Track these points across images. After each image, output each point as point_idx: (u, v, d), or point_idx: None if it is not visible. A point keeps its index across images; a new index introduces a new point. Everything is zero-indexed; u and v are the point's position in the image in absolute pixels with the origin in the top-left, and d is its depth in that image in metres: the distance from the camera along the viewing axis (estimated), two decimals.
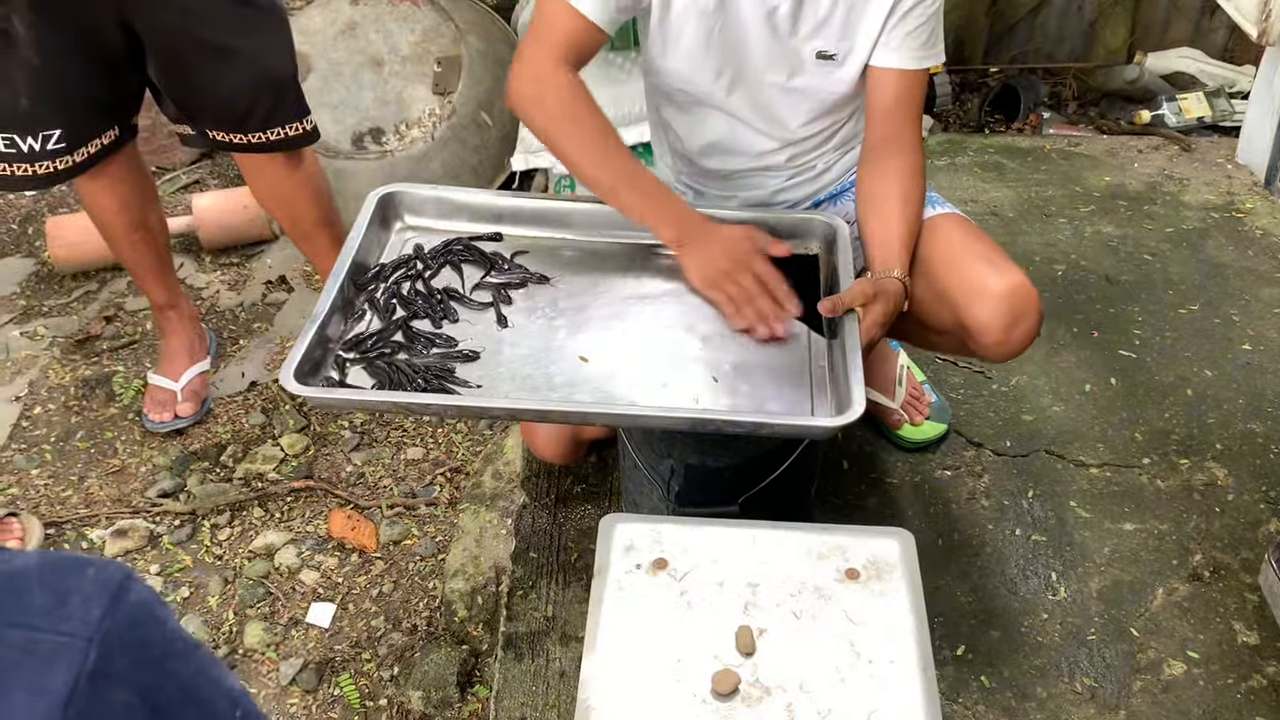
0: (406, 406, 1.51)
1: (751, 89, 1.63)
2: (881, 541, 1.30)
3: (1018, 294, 1.52)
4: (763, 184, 1.76)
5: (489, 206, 1.71)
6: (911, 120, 1.60)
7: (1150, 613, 1.74)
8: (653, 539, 1.30)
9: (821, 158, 1.75)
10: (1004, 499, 1.92)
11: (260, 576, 1.93)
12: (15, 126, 1.82)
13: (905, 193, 1.56)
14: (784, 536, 1.30)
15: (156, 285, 2.17)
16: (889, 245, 1.53)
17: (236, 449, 2.17)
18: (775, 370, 1.48)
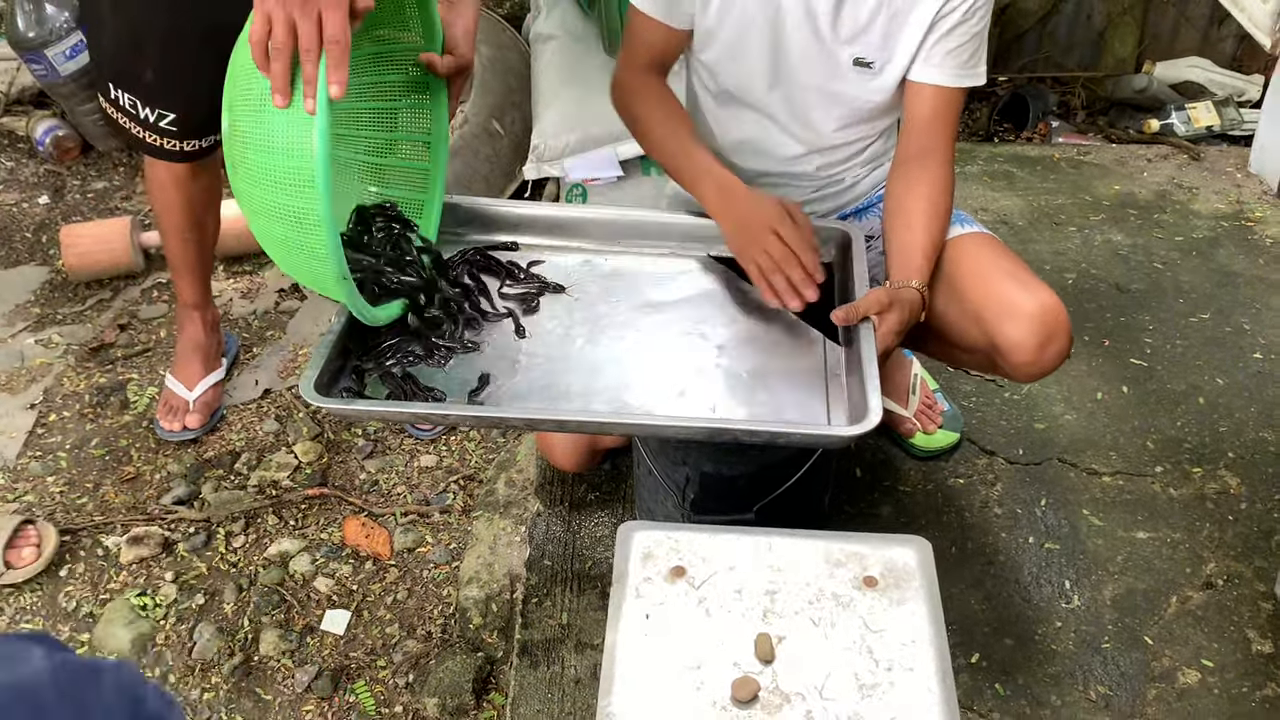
0: (425, 417, 1.51)
1: (788, 89, 1.64)
2: (899, 549, 1.31)
3: (1049, 313, 1.53)
4: (790, 193, 1.76)
5: (505, 216, 1.72)
6: (945, 136, 1.61)
7: (1164, 621, 1.74)
8: (670, 546, 1.31)
9: (850, 171, 1.76)
10: (1017, 507, 1.93)
11: (275, 584, 1.93)
12: (138, 92, 1.87)
13: (932, 206, 1.57)
14: (801, 544, 1.31)
15: (191, 285, 2.18)
16: (910, 256, 1.54)
17: (251, 456, 2.18)
18: (791, 378, 1.48)
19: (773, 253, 1.51)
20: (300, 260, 1.30)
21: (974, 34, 1.56)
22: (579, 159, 2.48)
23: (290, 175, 1.21)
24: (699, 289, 1.64)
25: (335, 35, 1.16)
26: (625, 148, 2.50)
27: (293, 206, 1.22)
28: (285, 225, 1.25)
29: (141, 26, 1.82)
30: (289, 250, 1.30)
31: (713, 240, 1.68)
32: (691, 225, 1.72)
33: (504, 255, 1.67)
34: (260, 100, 1.22)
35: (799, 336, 1.55)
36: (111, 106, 1.90)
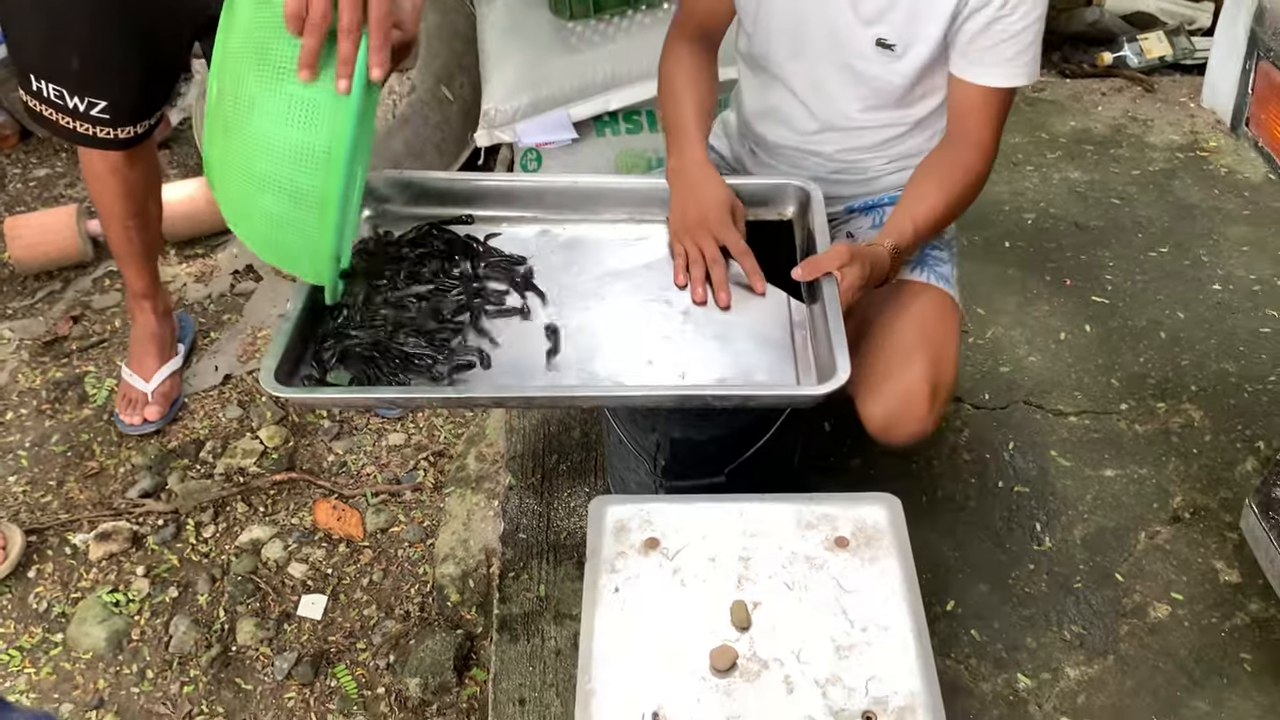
0: (391, 402, 1.49)
1: (809, 61, 1.62)
2: (869, 508, 1.31)
3: (903, 402, 1.51)
4: (806, 170, 1.73)
5: (458, 189, 1.69)
6: (982, 125, 1.56)
7: (1134, 557, 1.77)
8: (643, 519, 1.30)
9: (872, 162, 1.71)
10: (985, 452, 1.94)
11: (248, 572, 1.92)
12: (65, 81, 1.82)
13: (944, 180, 1.55)
14: (772, 508, 1.31)
15: (139, 273, 2.14)
16: (900, 219, 1.53)
17: (215, 444, 2.15)
18: (757, 339, 1.47)
19: (704, 250, 1.52)
20: (285, 236, 1.25)
21: (1016, 31, 1.50)
22: (531, 122, 2.44)
23: (305, 151, 1.16)
24: (660, 254, 1.62)
25: (379, 16, 1.15)
26: (578, 109, 2.46)
27: (298, 182, 1.18)
28: (280, 199, 1.20)
29: (63, 13, 1.75)
30: (274, 225, 1.25)
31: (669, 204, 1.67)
32: (649, 189, 1.69)
33: (460, 229, 1.64)
34: (280, 68, 1.16)
35: (767, 299, 1.54)
36: (34, 99, 1.83)
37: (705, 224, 1.53)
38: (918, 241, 1.57)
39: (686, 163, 1.60)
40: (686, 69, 1.69)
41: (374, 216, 1.66)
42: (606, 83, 2.43)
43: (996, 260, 2.36)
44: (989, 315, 2.22)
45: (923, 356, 1.55)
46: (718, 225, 1.53)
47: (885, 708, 1.11)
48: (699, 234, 1.53)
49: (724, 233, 1.52)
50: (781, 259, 1.61)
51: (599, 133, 2.51)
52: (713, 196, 1.55)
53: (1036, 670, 1.62)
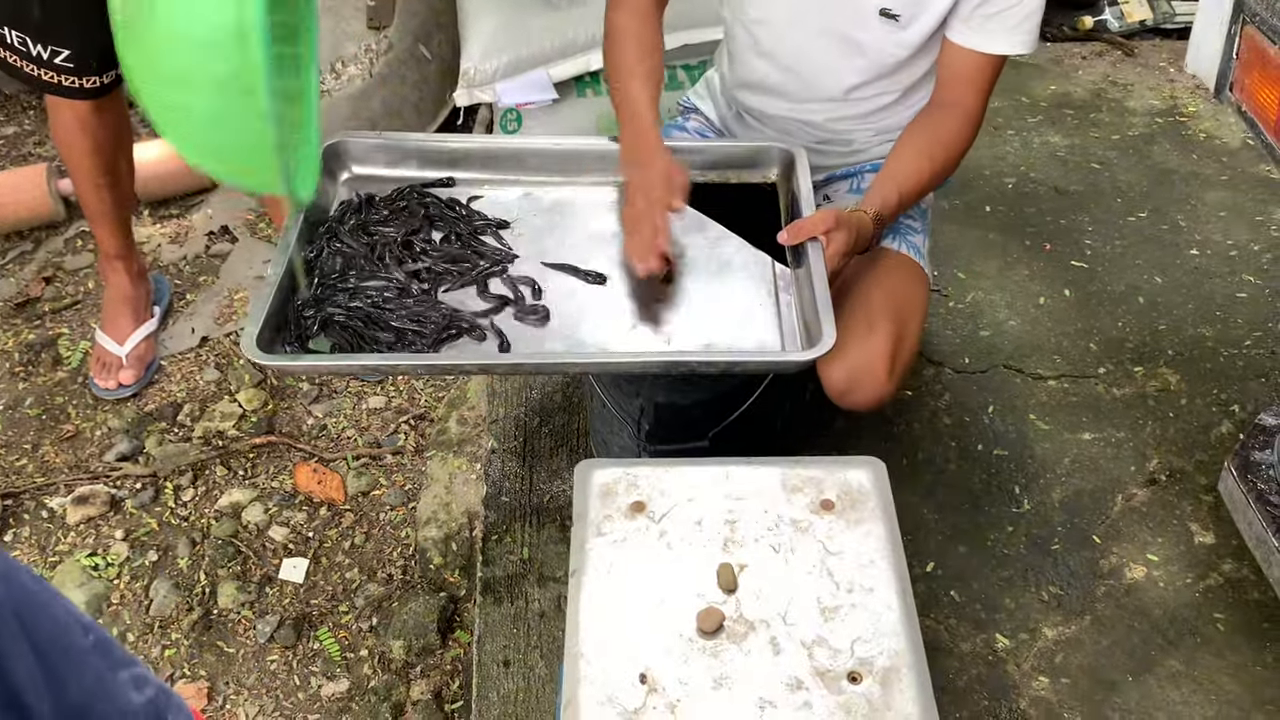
0: (376, 369, 1.48)
1: (807, 32, 1.58)
2: (853, 471, 1.32)
3: (862, 369, 1.50)
4: (794, 135, 1.71)
5: (439, 151, 1.67)
6: (972, 94, 1.55)
7: (1111, 519, 1.79)
8: (629, 482, 1.30)
9: (860, 133, 1.70)
10: (965, 415, 1.95)
11: (229, 536, 1.91)
12: (28, 29, 1.81)
13: (928, 148, 1.54)
14: (758, 472, 1.31)
15: (112, 233, 2.11)
16: (883, 184, 1.52)
17: (193, 407, 2.13)
18: (743, 304, 1.47)
19: (635, 208, 1.48)
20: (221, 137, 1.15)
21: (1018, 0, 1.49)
22: (511, 82, 2.41)
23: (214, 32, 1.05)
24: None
25: None
26: (558, 69, 2.43)
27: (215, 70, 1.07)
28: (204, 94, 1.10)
29: None
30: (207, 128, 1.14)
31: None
32: None
33: (442, 192, 1.62)
34: None
35: (748, 261, 1.54)
36: (1, 47, 1.81)
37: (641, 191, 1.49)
38: (900, 209, 1.57)
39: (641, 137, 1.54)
40: (635, 34, 1.62)
41: (353, 179, 1.65)
42: (588, 42, 2.40)
43: (977, 224, 2.36)
44: (969, 279, 2.22)
45: (886, 324, 1.54)
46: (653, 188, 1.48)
47: (870, 668, 1.12)
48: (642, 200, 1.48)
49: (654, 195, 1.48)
50: (767, 223, 1.61)
51: (580, 93, 2.49)
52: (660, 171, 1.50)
53: (1015, 630, 1.64)
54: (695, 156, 1.68)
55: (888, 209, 1.53)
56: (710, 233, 1.59)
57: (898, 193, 1.54)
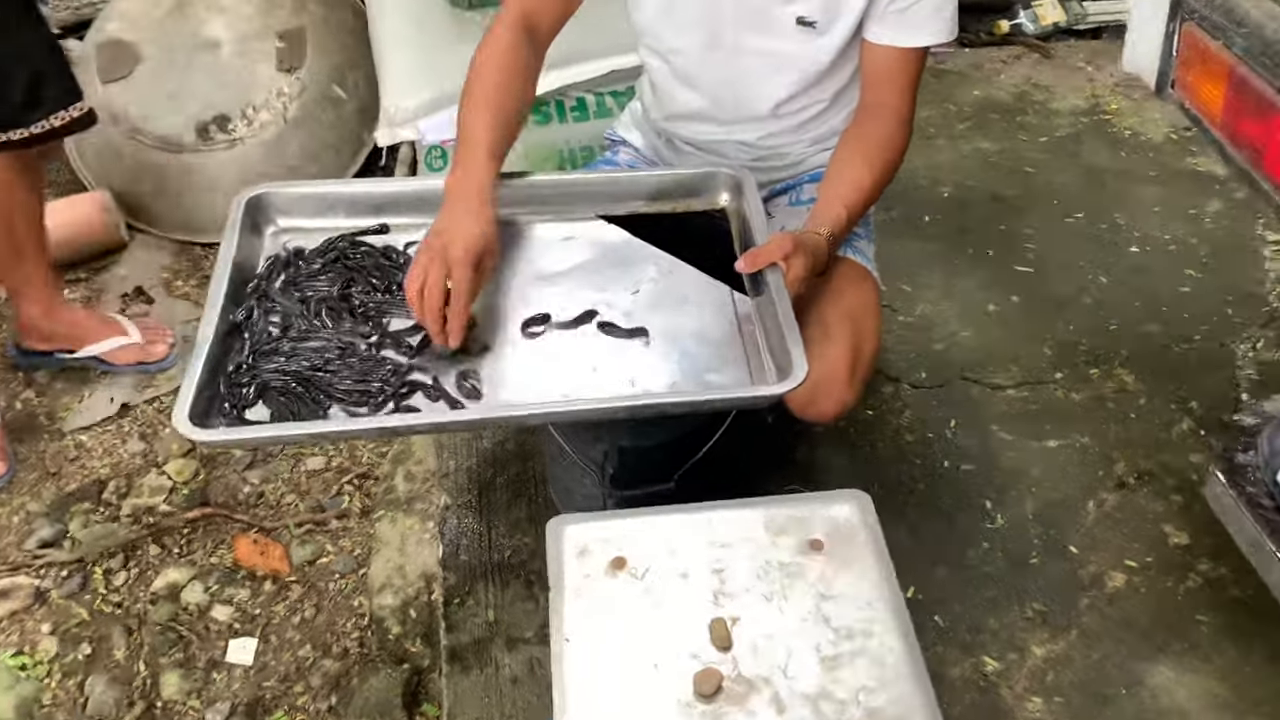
0: (323, 436, 1.39)
1: (726, 53, 1.53)
2: (840, 507, 1.26)
3: (824, 377, 1.44)
4: (728, 156, 1.66)
5: (369, 196, 1.58)
6: (898, 92, 1.51)
7: (1085, 527, 1.76)
8: (605, 537, 1.23)
9: (795, 146, 1.65)
10: (927, 432, 1.92)
11: (168, 620, 1.78)
12: None
13: (868, 157, 1.49)
14: (740, 515, 1.25)
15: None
16: (829, 203, 1.47)
17: (119, 483, 1.99)
18: (706, 337, 1.41)
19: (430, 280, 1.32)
20: None
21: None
22: (434, 119, 2.32)
23: None
24: (592, 253, 1.54)
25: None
26: None
27: None
28: None
29: None
30: None
31: (597, 198, 1.59)
32: (570, 184, 1.62)
33: (376, 240, 1.53)
34: None
35: (706, 292, 1.47)
36: None
37: (446, 252, 1.34)
38: (851, 225, 1.52)
39: (469, 184, 1.41)
40: (498, 67, 1.49)
41: (279, 232, 1.55)
42: None
43: (918, 235, 2.34)
44: (916, 291, 2.20)
45: (842, 332, 1.50)
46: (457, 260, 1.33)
47: (880, 718, 1.06)
48: (433, 261, 1.33)
49: (457, 270, 1.33)
50: (719, 250, 1.55)
51: None
52: (474, 233, 1.36)
53: (1003, 651, 1.59)
54: (637, 187, 1.62)
55: (839, 228, 1.48)
56: (662, 264, 1.53)
57: (845, 208, 1.49)
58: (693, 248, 1.56)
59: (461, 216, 1.39)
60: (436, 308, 1.33)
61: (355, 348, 1.38)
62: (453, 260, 1.34)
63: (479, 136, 1.46)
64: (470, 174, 1.43)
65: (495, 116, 1.48)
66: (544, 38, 1.57)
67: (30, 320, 2.12)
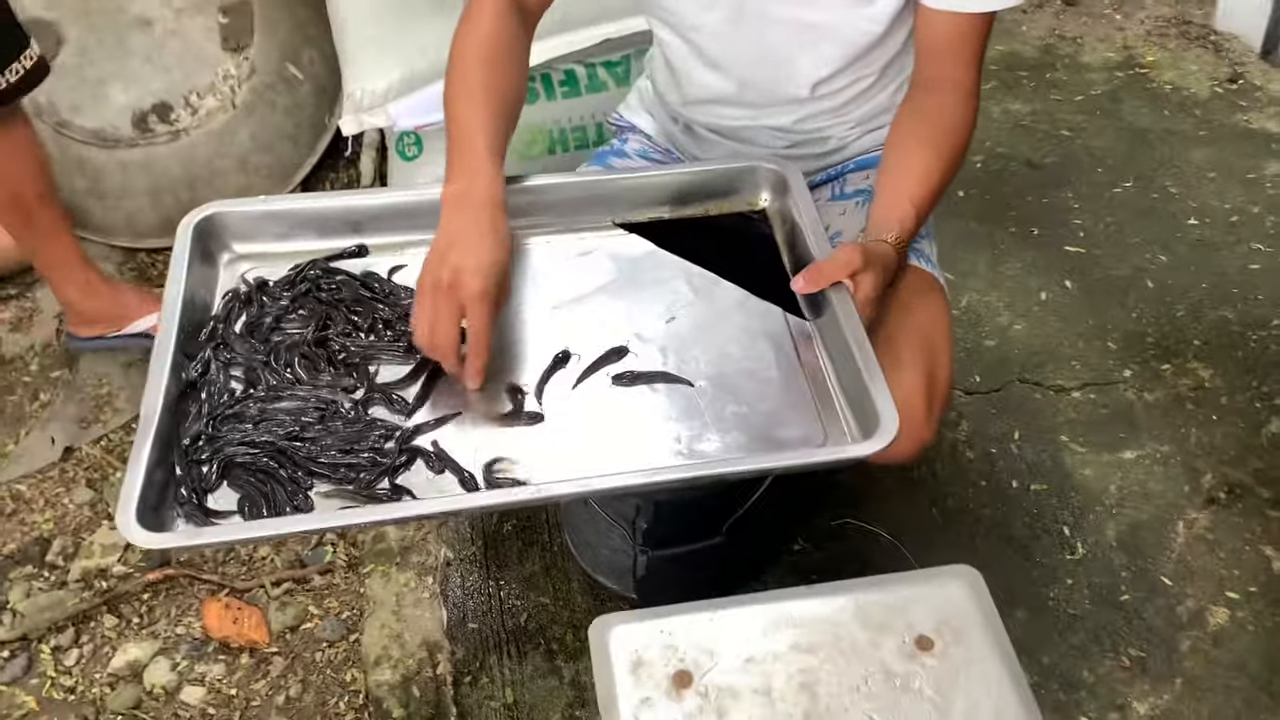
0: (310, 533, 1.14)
1: (756, 27, 1.28)
2: (946, 590, 1.03)
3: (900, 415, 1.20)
4: (755, 149, 1.42)
5: (343, 212, 1.31)
6: (963, 65, 1.27)
7: (1176, 554, 1.55)
8: (664, 643, 0.99)
9: (836, 129, 1.41)
10: (989, 447, 1.70)
11: (130, 708, 1.53)
12: None
13: (933, 142, 1.24)
14: (825, 607, 1.02)
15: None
16: (894, 201, 1.22)
17: (65, 541, 1.73)
18: (760, 376, 1.16)
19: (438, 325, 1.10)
20: None
21: None
22: (406, 101, 2.04)
23: None
24: (613, 270, 1.29)
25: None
26: None
27: None
28: None
29: None
30: None
31: (613, 201, 1.34)
32: (580, 187, 1.36)
33: (354, 266, 1.28)
34: None
35: (753, 315, 1.23)
36: None
37: (457, 290, 1.10)
38: (919, 226, 1.28)
39: (477, 192, 1.16)
40: (486, 48, 1.26)
41: (236, 260, 1.28)
42: None
43: (954, 213, 2.10)
44: (959, 280, 1.96)
45: (915, 358, 1.27)
46: (472, 299, 1.10)
47: None
48: (442, 301, 1.10)
49: (473, 308, 1.10)
50: (762, 260, 1.31)
51: None
52: (486, 257, 1.12)
53: (1102, 711, 1.39)
54: (660, 187, 1.36)
55: (906, 231, 1.24)
56: (696, 281, 1.28)
57: (914, 208, 1.24)
58: (731, 259, 1.31)
59: (471, 236, 1.14)
60: (452, 352, 1.11)
61: (338, 407, 1.13)
62: (467, 297, 1.09)
63: (477, 135, 1.20)
64: (475, 182, 1.17)
65: (491, 108, 1.22)
66: (535, 8, 1.33)
67: (70, 303, 1.92)
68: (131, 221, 2.23)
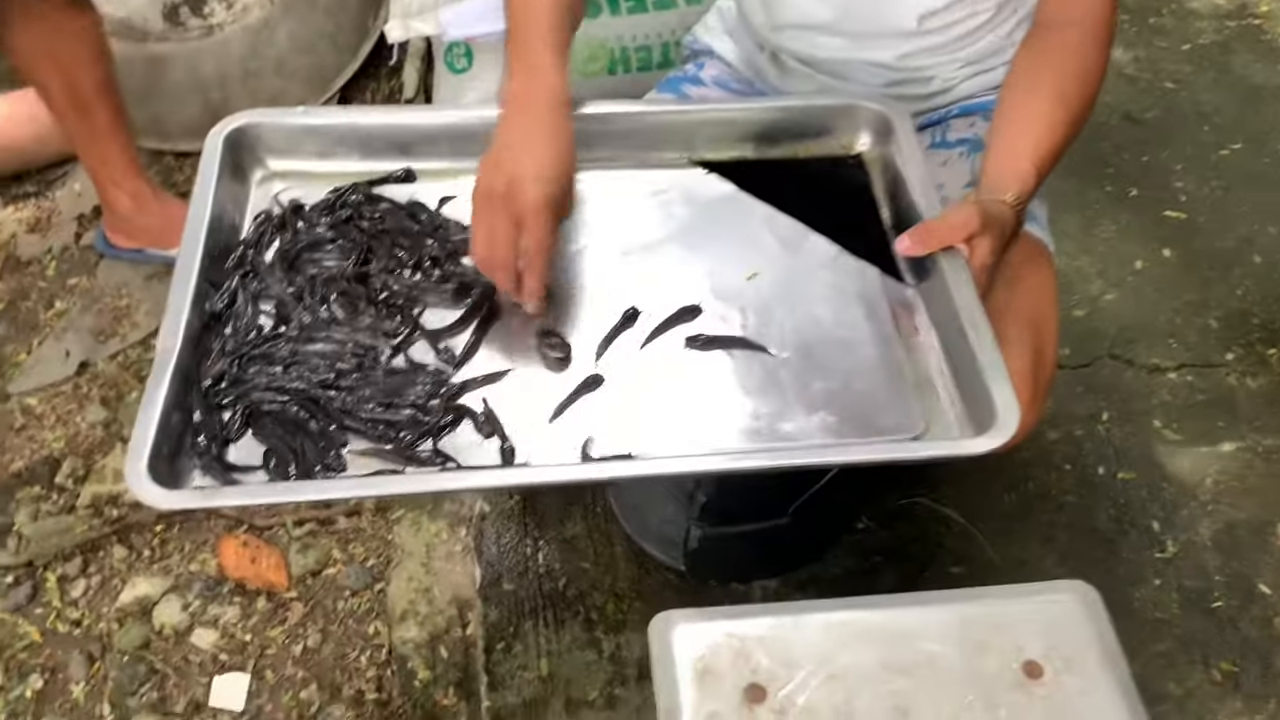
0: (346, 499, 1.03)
1: None
2: (1055, 606, 0.92)
3: None
4: (849, 85, 1.27)
5: (390, 131, 1.17)
6: (1092, 4, 1.10)
7: (1277, 559, 1.43)
8: (735, 650, 0.87)
9: (942, 67, 1.25)
10: (1075, 427, 1.56)
11: (138, 647, 1.44)
12: None
13: (1059, 90, 1.09)
14: (920, 618, 0.89)
15: None
16: (1012, 155, 1.07)
17: (75, 463, 1.63)
18: (852, 347, 1.03)
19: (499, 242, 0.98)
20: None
21: None
22: (458, 8, 1.89)
23: None
24: (689, 214, 1.15)
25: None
26: None
27: None
28: None
29: None
30: None
31: (691, 136, 1.20)
32: (655, 118, 1.22)
33: (399, 193, 1.14)
34: None
35: (848, 279, 1.09)
36: None
37: (513, 200, 0.99)
38: (1038, 186, 1.13)
39: (536, 91, 1.04)
40: None
41: (269, 178, 1.15)
42: None
43: None
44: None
45: (1022, 335, 1.13)
46: (529, 209, 0.99)
47: None
48: (498, 212, 0.99)
49: (531, 220, 0.98)
50: (859, 213, 1.17)
51: None
52: (547, 162, 1.01)
53: None
54: (744, 122, 1.22)
55: (1025, 191, 1.09)
56: (783, 232, 1.14)
57: (1032, 164, 1.09)
58: (821, 209, 1.17)
59: (531, 140, 1.01)
60: (507, 267, 0.98)
61: (378, 353, 1.00)
62: (524, 209, 0.97)
63: (541, 27, 1.07)
64: (535, 78, 1.04)
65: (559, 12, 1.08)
66: None
67: (117, 210, 1.80)
68: (158, 121, 2.09)
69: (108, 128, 1.69)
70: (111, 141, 1.71)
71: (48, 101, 1.66)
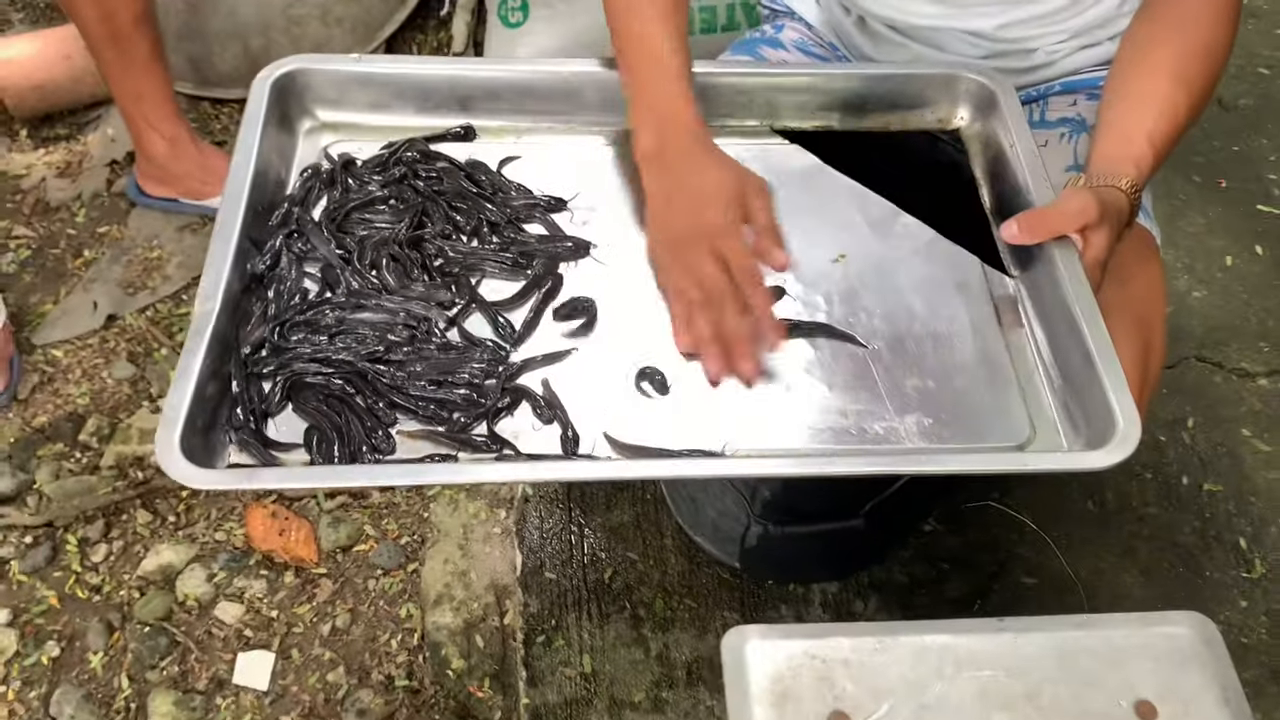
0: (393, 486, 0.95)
1: None
2: (1172, 642, 0.83)
3: None
4: (950, 50, 1.17)
5: (449, 83, 1.08)
6: None
7: None
8: (817, 673, 0.79)
9: (1046, 41, 1.15)
10: (1159, 433, 1.46)
11: (159, 618, 1.37)
12: None
13: (1178, 69, 0.99)
14: (1019, 647, 0.81)
15: None
16: (1129, 139, 0.98)
17: (100, 421, 1.56)
18: (950, 343, 0.94)
19: (704, 279, 0.90)
20: None
21: None
22: None
23: None
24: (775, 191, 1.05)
25: None
26: None
27: None
28: None
29: None
30: None
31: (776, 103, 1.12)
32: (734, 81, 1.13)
33: (458, 152, 1.05)
34: None
35: (945, 266, 1.00)
36: None
37: (701, 235, 0.92)
38: (1154, 172, 1.03)
39: (674, 139, 0.97)
40: None
41: (318, 130, 1.06)
42: None
43: None
44: None
45: (1129, 337, 1.03)
46: (720, 232, 0.92)
47: None
48: (692, 252, 0.92)
49: (728, 242, 0.91)
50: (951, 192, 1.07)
51: None
52: (711, 185, 0.95)
53: None
54: (831, 90, 1.12)
55: (1143, 175, 1.00)
56: (873, 212, 1.05)
57: (1150, 146, 1.00)
58: (915, 188, 1.08)
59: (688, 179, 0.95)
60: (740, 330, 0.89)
61: (431, 326, 0.92)
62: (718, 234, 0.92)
63: (669, 63, 0.99)
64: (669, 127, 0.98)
65: (675, 24, 1.01)
66: None
67: (151, 155, 1.72)
68: (196, 66, 2.01)
69: (144, 63, 1.60)
70: (147, 77, 1.62)
71: (84, 32, 1.57)
